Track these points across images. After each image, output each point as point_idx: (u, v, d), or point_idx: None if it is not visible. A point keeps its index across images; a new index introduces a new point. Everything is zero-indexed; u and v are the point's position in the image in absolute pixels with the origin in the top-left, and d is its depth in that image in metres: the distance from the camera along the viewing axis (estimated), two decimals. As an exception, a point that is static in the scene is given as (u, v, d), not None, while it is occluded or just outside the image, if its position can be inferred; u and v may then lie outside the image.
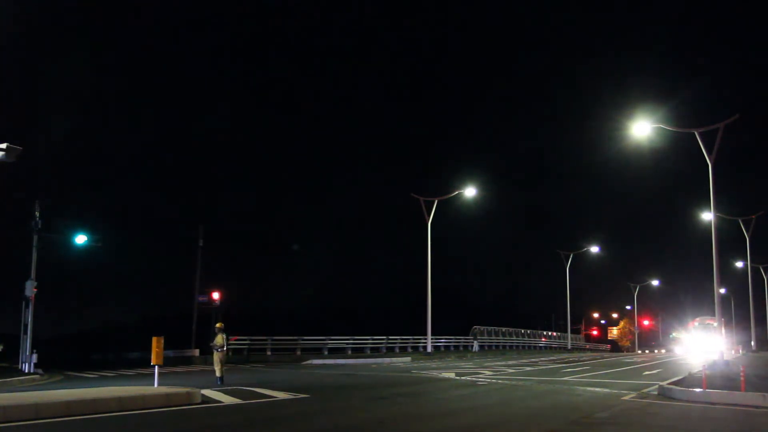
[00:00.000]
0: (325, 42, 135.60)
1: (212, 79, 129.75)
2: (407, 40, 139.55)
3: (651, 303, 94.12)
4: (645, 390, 16.66)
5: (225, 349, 19.41)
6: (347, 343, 41.75)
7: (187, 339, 37.14)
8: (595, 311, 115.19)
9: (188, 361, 34.14)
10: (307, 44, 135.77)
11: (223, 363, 19.22)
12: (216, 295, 38.40)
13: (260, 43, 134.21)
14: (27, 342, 25.77)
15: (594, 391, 16.56)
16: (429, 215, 41.62)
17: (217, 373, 18.98)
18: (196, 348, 36.10)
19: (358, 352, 41.42)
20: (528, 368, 27.33)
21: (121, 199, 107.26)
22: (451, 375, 22.86)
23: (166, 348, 17.50)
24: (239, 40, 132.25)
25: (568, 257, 62.26)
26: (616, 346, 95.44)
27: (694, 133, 25.02)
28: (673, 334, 52.62)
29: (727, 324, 53.70)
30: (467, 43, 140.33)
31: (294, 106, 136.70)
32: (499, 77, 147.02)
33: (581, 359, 39.13)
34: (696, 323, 52.38)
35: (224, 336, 19.45)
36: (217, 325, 19.94)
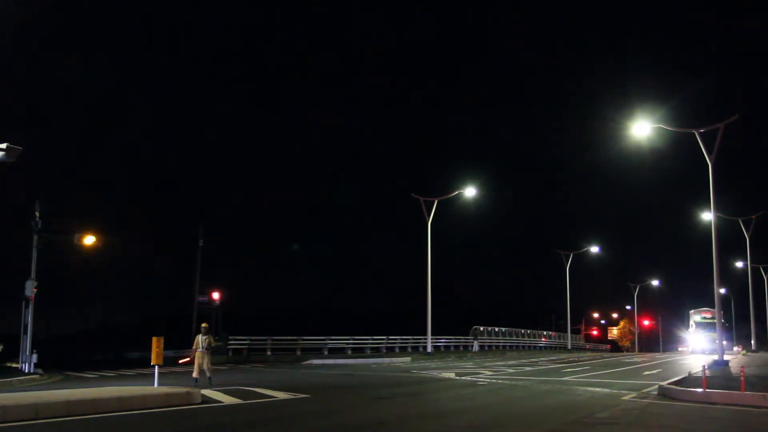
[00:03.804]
0: (327, 41, 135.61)
1: (212, 77, 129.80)
2: (409, 41, 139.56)
3: (651, 303, 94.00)
4: (645, 390, 16.65)
5: (206, 350, 18.49)
6: (347, 343, 41.72)
7: (187, 339, 37.06)
8: (595, 311, 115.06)
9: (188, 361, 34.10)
10: (309, 43, 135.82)
11: (202, 364, 18.30)
12: (216, 295, 38.40)
13: (261, 41, 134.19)
14: (27, 342, 25.74)
15: (594, 391, 16.56)
16: (429, 215, 41.59)
17: (194, 374, 18.25)
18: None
19: (358, 352, 41.40)
20: (528, 368, 27.32)
21: (121, 198, 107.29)
22: (451, 375, 22.85)
23: (166, 348, 17.40)
24: (240, 38, 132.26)
25: (568, 257, 62.19)
26: (616, 346, 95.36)
27: (694, 133, 25.03)
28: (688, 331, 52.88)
29: (728, 324, 53.66)
30: (468, 44, 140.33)
31: (294, 106, 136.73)
32: (500, 77, 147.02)
33: (581, 359, 39.11)
34: (695, 317, 52.35)
35: (205, 338, 18.61)
36: (203, 325, 19.32)
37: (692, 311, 54.41)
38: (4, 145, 16.29)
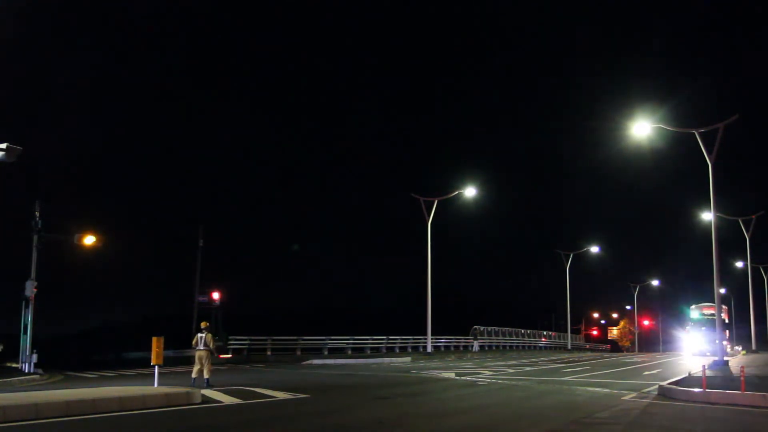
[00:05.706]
0: (328, 43, 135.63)
1: (212, 77, 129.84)
2: (409, 41, 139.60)
3: (651, 303, 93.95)
4: (645, 390, 16.67)
5: (205, 348, 18.35)
6: (347, 343, 41.71)
7: (187, 339, 36.97)
8: (595, 311, 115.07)
9: (188, 361, 34.08)
10: (309, 44, 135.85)
11: (203, 363, 18.14)
12: (216, 295, 38.37)
13: (261, 41, 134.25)
14: (27, 342, 25.73)
15: (594, 391, 16.56)
16: (429, 215, 41.57)
17: (193, 374, 18.15)
18: (196, 348, 36.02)
19: (358, 352, 41.39)
20: (528, 368, 27.32)
21: (122, 198, 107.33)
22: (451, 375, 22.85)
23: (166, 348, 17.34)
24: (239, 36, 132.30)
25: (568, 257, 62.17)
26: (616, 346, 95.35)
27: (694, 133, 25.00)
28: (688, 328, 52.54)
29: (729, 321, 53.53)
30: (468, 44, 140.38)
31: (294, 106, 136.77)
32: (500, 77, 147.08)
33: (581, 359, 39.11)
34: (695, 313, 52.25)
35: (203, 336, 18.49)
36: (202, 324, 19.22)
37: (693, 306, 54.29)
38: (4, 145, 16.29)
